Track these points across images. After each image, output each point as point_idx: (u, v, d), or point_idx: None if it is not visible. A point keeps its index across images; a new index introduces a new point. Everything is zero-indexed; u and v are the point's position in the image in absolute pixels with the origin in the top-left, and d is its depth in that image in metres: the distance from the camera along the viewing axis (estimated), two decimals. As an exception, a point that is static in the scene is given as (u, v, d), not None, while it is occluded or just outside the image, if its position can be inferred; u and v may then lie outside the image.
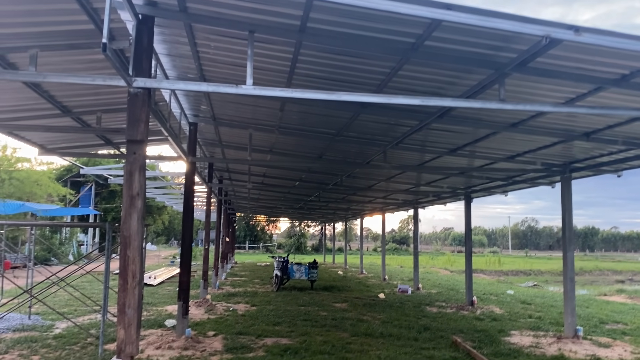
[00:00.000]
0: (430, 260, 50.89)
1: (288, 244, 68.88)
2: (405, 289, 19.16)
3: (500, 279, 33.63)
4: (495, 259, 55.49)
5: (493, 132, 8.86)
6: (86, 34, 5.20)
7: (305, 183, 18.25)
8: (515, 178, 13.17)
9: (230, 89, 5.25)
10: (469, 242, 16.35)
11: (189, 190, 10.35)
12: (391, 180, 15.86)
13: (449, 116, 7.99)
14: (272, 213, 41.04)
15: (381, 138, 10.15)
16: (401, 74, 6.38)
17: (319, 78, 6.97)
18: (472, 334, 10.84)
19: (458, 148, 10.42)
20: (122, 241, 4.99)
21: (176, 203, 31.56)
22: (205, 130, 11.74)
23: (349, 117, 8.73)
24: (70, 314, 11.68)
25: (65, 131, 8.86)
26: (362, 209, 27.37)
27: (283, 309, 13.71)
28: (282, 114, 9.04)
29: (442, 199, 18.30)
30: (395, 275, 27.88)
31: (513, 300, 17.70)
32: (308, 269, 19.42)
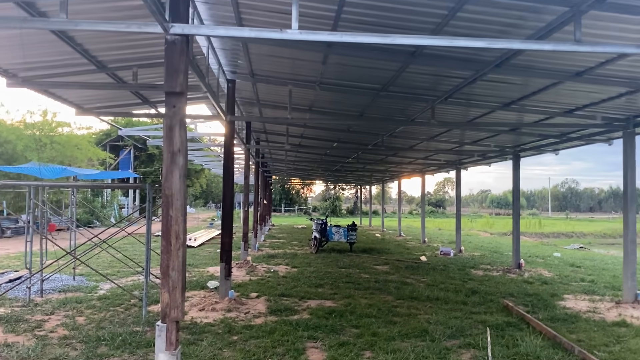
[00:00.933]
0: (469, 222, 50.10)
1: (323, 207, 68.95)
2: (447, 251, 18.70)
3: (544, 241, 32.75)
4: (535, 221, 54.29)
5: (554, 83, 8.15)
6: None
7: (343, 144, 17.77)
8: (570, 135, 12.37)
9: (274, 34, 4.78)
10: (516, 203, 15.68)
11: (228, 150, 10.04)
12: (434, 139, 15.21)
13: (508, 65, 7.32)
14: (308, 176, 40.81)
15: (429, 92, 9.53)
16: (460, 16, 5.76)
17: (368, 24, 6.41)
18: (523, 298, 10.37)
19: (512, 102, 9.71)
20: (164, 200, 4.69)
21: (214, 166, 31.65)
22: (243, 89, 11.33)
23: (396, 69, 8.14)
24: (113, 275, 11.73)
25: (101, 88, 8.59)
26: (400, 170, 26.75)
27: (324, 271, 13.50)
28: (324, 68, 8.52)
29: (487, 158, 17.54)
30: (434, 238, 27.42)
31: (561, 263, 17.03)
32: (347, 231, 19.14)
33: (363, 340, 6.96)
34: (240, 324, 7.71)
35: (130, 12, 5.90)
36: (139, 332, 7.04)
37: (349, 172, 30.89)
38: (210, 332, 7.18)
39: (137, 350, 6.20)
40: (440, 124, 11.12)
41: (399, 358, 6.11)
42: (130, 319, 7.83)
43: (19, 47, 6.26)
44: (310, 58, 8.32)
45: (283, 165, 29.67)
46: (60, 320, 7.69)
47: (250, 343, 6.73)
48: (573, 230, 46.22)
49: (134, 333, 6.95)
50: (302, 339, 6.92)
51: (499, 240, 29.25)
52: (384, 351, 6.40)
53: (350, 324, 7.87)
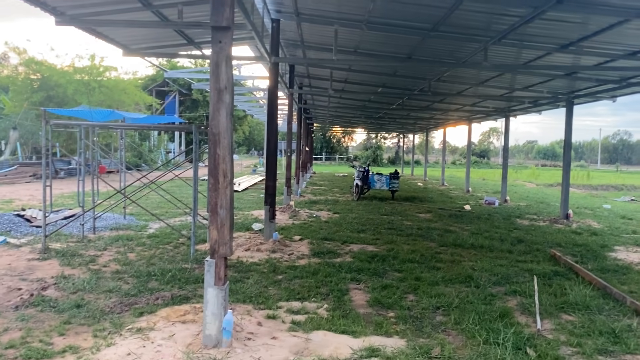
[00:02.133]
0: (515, 173, 48.83)
1: (364, 155, 68.62)
2: (492, 200, 18.36)
3: (593, 193, 31.70)
4: (583, 173, 52.46)
5: (619, 22, 7.57)
6: None
7: (388, 89, 17.34)
8: (631, 80, 11.64)
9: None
10: (567, 151, 15.09)
11: (272, 94, 9.94)
12: (483, 85, 14.63)
13: (570, 1, 6.82)
14: (350, 124, 40.45)
15: (482, 33, 9.05)
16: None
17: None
18: (571, 248, 10.12)
19: (571, 43, 9.12)
20: (210, 139, 4.67)
21: (257, 112, 31.71)
22: (287, 29, 11.07)
23: (449, 6, 7.71)
24: (162, 215, 12.08)
25: (147, 26, 8.54)
26: (446, 118, 26.08)
27: (366, 218, 13.51)
28: (372, 5, 8.16)
29: (538, 105, 16.82)
30: (478, 188, 26.96)
31: (611, 215, 16.48)
32: (389, 179, 19.00)
33: (406, 284, 6.96)
34: (285, 264, 7.84)
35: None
36: (187, 268, 7.26)
37: (392, 120, 30.39)
38: (256, 271, 7.33)
39: (186, 286, 6.40)
40: (493, 67, 10.63)
41: (443, 302, 6.09)
42: (179, 257, 8.08)
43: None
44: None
45: (325, 112, 29.41)
46: (112, 256, 8.01)
47: (294, 282, 6.85)
48: (623, 183, 44.41)
49: (182, 269, 7.17)
50: (345, 281, 6.99)
51: (545, 191, 28.49)
52: (428, 295, 6.39)
53: (393, 268, 7.89)
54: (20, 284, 6.32)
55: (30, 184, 19.91)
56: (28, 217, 10.67)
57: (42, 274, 6.82)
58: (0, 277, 6.57)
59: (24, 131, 25.57)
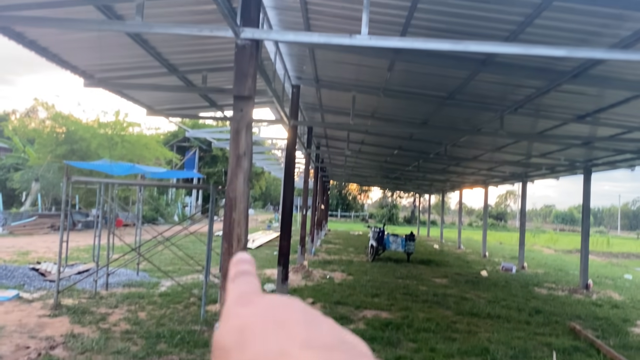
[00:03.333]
0: (532, 237, 48.11)
1: (380, 214, 68.31)
2: (509, 267, 18.00)
3: (613, 261, 30.94)
4: (603, 240, 51.43)
5: (635, 96, 7.64)
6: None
7: (404, 151, 17.49)
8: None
9: (344, 39, 4.74)
10: (586, 219, 14.89)
11: (290, 154, 10.10)
12: (500, 151, 14.68)
13: (586, 76, 6.92)
14: (366, 182, 40.61)
15: (498, 102, 9.20)
16: (536, 24, 5.51)
17: (438, 30, 6.25)
18: (591, 322, 9.79)
19: (587, 114, 9.20)
20: (227, 203, 4.73)
21: (274, 169, 32.09)
22: (306, 94, 11.38)
23: (464, 77, 7.90)
24: (174, 272, 12.05)
25: (172, 90, 8.86)
26: (462, 181, 26.09)
27: (380, 281, 13.30)
28: (389, 75, 8.39)
29: (556, 172, 16.76)
30: (495, 252, 26.51)
31: (633, 286, 16.01)
32: (405, 240, 18.81)
33: (420, 355, 6.76)
34: (296, 330, 7.68)
35: (202, 17, 6.03)
36: (196, 331, 7.16)
37: (408, 180, 30.44)
38: (266, 336, 7.19)
39: (194, 350, 6.30)
40: (509, 135, 10.70)
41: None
42: (189, 317, 7.99)
43: (97, 48, 6.54)
44: (376, 64, 8.23)
45: (342, 171, 29.63)
46: (123, 315, 7.95)
47: (305, 350, 6.68)
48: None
49: (192, 332, 7.07)
50: (357, 349, 6.80)
51: (564, 257, 27.90)
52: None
53: (408, 338, 7.68)
54: (29, 342, 6.27)
55: (48, 236, 20.12)
56: (42, 271, 10.73)
57: (52, 331, 6.77)
58: (10, 334, 6.54)
59: (46, 182, 26.13)
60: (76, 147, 25.12)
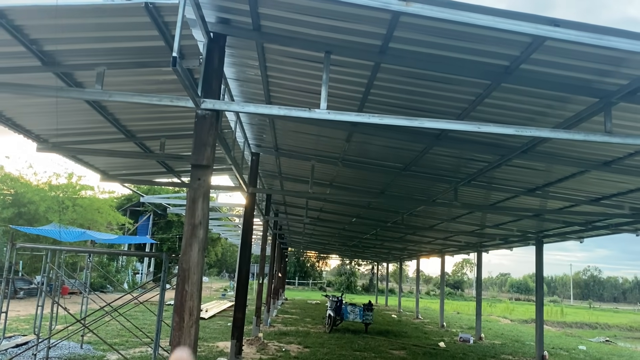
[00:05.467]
0: (488, 307, 48.42)
1: (338, 282, 67.60)
2: (466, 338, 17.92)
3: (568, 331, 31.33)
4: (557, 309, 52.22)
5: (581, 172, 8.04)
6: (155, 51, 4.95)
7: (362, 220, 17.63)
8: (596, 223, 12.07)
9: (303, 112, 4.83)
10: (540, 291, 15.16)
11: (247, 222, 9.99)
12: (455, 221, 15.00)
13: (534, 152, 7.27)
14: (324, 249, 40.36)
15: (452, 174, 9.48)
16: (487, 102, 5.80)
17: (394, 106, 6.49)
18: (549, 395, 9.73)
19: (537, 188, 9.58)
20: (180, 274, 4.57)
21: (230, 235, 31.60)
22: (266, 161, 11.45)
23: (419, 150, 8.16)
24: (121, 345, 11.40)
25: (128, 156, 8.73)
26: (419, 249, 26.32)
27: (337, 354, 12.94)
28: (347, 145, 8.58)
29: (509, 242, 17.18)
30: (452, 322, 26.42)
31: (587, 358, 16.14)
32: (363, 310, 18.54)
33: None
34: (249, 408, 7.29)
35: (163, 86, 6.07)
36: (142, 411, 6.69)
37: (366, 248, 30.49)
38: (217, 416, 6.79)
39: None
40: (463, 206, 10.97)
41: None
42: (134, 396, 7.48)
43: (53, 114, 6.43)
44: (335, 135, 8.41)
45: (300, 238, 29.46)
46: (62, 393, 7.37)
47: None
48: (597, 321, 44.20)
49: (136, 412, 6.60)
50: None
51: (520, 328, 28.06)
52: None
53: (365, 415, 7.39)
54: None
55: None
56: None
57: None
58: None
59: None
60: (24, 210, 24.12)
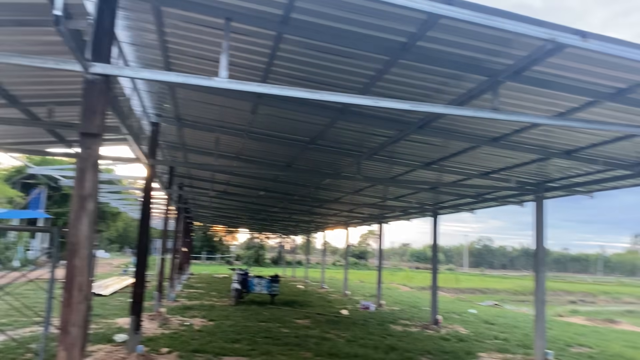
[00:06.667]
0: (390, 276, 50.81)
1: (246, 255, 67.59)
2: (367, 305, 18.70)
3: (460, 297, 33.69)
4: (452, 277, 55.94)
5: (472, 147, 8.56)
6: (39, 9, 4.54)
7: (270, 193, 17.65)
8: (486, 196, 12.97)
9: (202, 80, 4.67)
10: (435, 259, 16.08)
11: (147, 195, 9.63)
12: (359, 194, 15.45)
13: (430, 127, 7.63)
14: (232, 223, 40.03)
15: (356, 148, 9.71)
16: (387, 78, 5.97)
17: (298, 78, 6.48)
18: (440, 356, 10.44)
19: (433, 162, 10.09)
20: (69, 248, 4.32)
21: (132, 209, 30.33)
22: (167, 132, 11.04)
23: (324, 124, 8.25)
24: (9, 325, 10.67)
25: (12, 123, 8.03)
26: (326, 222, 26.88)
27: (242, 325, 13.00)
28: (253, 117, 8.49)
29: (408, 214, 18.02)
30: (356, 291, 27.44)
31: (476, 320, 17.48)
32: (269, 282, 18.72)
33: (279, 401, 6.64)
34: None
35: (49, 47, 5.61)
36: (29, 393, 6.33)
37: (274, 222, 30.63)
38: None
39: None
40: (365, 179, 11.30)
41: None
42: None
43: None
44: (240, 107, 8.27)
45: (207, 212, 28.95)
46: (-64, 379, 6.79)
47: (156, 406, 6.22)
48: (487, 287, 47.97)
49: (23, 394, 6.24)
50: (213, 401, 6.50)
51: (418, 294, 29.75)
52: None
53: (266, 384, 7.52)
54: None
55: None
56: None
57: None
58: None
59: None
60: None
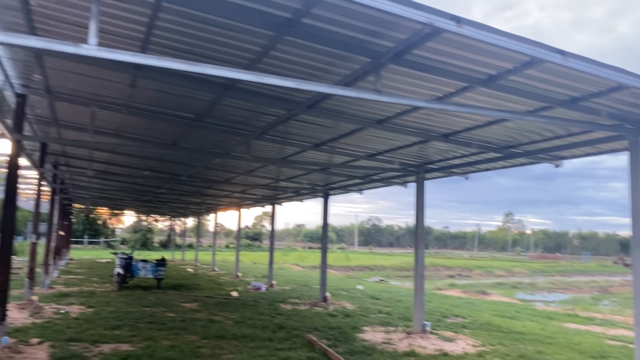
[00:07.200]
0: (283, 256, 51.35)
1: (133, 239, 64.62)
2: (258, 286, 18.72)
3: (349, 274, 34.90)
4: (343, 255, 57.85)
5: (359, 128, 8.74)
6: None
7: (156, 173, 16.87)
8: (373, 177, 13.41)
9: (68, 47, 4.25)
10: (324, 238, 16.42)
11: (12, 173, 8.73)
12: (250, 174, 15.28)
13: (318, 108, 7.65)
14: (116, 205, 37.95)
15: (245, 127, 9.51)
16: (273, 55, 5.83)
17: (180, 50, 6.13)
18: (327, 332, 10.71)
19: (322, 143, 10.19)
20: None
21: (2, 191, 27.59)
22: (38, 105, 10.07)
23: (210, 100, 7.96)
24: None
25: None
26: (217, 203, 26.37)
27: (125, 311, 12.39)
28: (133, 91, 7.96)
29: (300, 195, 18.17)
30: (248, 272, 27.36)
31: (363, 296, 18.20)
32: (155, 266, 18.02)
33: (159, 388, 6.40)
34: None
35: None
36: None
37: (162, 203, 29.47)
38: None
39: None
40: (255, 159, 11.18)
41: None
42: None
43: None
44: (118, 79, 7.70)
45: (87, 193, 27.13)
46: None
47: (20, 402, 5.72)
48: (375, 264, 50.18)
49: None
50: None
51: (310, 273, 30.35)
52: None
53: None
54: None
55: None
56: None
57: None
58: None
59: None
60: None
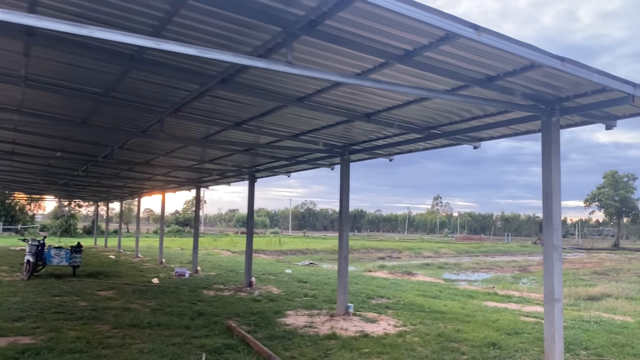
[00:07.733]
0: (214, 241, 50.46)
1: (55, 225, 61.30)
2: (182, 272, 18.11)
3: (280, 258, 34.73)
4: (276, 240, 57.58)
5: (280, 106, 8.43)
6: None
7: (69, 154, 15.80)
8: (299, 158, 13.17)
9: None
10: (251, 222, 16.07)
11: None
12: (172, 155, 14.60)
13: (234, 82, 7.25)
14: (32, 190, 35.59)
15: (158, 103, 8.92)
16: (177, 22, 5.38)
17: (74, 14, 5.53)
18: (248, 317, 10.43)
19: (243, 122, 9.79)
20: None
21: None
22: None
23: (117, 72, 7.35)
24: None
25: None
26: (140, 187, 25.25)
27: (31, 301, 11.53)
28: (28, 61, 7.21)
29: (226, 177, 17.67)
30: (174, 259, 26.52)
31: (291, 279, 18.03)
32: (70, 253, 16.97)
33: (55, 383, 5.89)
34: None
35: None
36: None
37: (81, 187, 27.90)
38: None
39: None
40: (170, 138, 10.62)
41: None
42: None
43: None
44: (9, 47, 6.94)
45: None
46: None
47: None
48: (308, 248, 50.28)
49: None
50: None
51: (238, 258, 29.86)
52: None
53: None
54: None
55: None
56: None
57: None
58: None
59: None
60: None
